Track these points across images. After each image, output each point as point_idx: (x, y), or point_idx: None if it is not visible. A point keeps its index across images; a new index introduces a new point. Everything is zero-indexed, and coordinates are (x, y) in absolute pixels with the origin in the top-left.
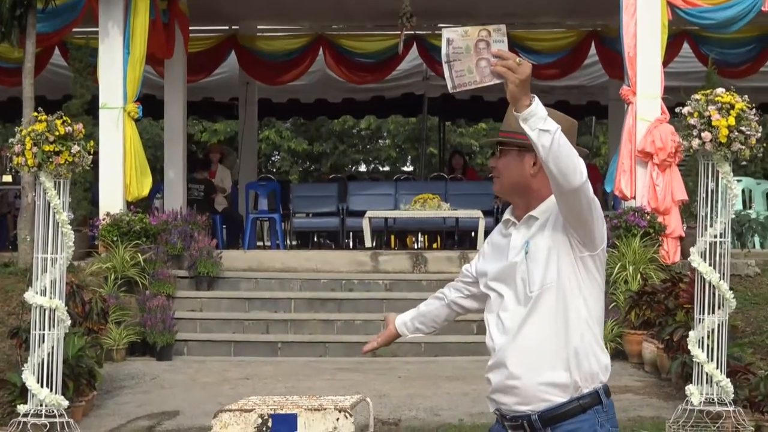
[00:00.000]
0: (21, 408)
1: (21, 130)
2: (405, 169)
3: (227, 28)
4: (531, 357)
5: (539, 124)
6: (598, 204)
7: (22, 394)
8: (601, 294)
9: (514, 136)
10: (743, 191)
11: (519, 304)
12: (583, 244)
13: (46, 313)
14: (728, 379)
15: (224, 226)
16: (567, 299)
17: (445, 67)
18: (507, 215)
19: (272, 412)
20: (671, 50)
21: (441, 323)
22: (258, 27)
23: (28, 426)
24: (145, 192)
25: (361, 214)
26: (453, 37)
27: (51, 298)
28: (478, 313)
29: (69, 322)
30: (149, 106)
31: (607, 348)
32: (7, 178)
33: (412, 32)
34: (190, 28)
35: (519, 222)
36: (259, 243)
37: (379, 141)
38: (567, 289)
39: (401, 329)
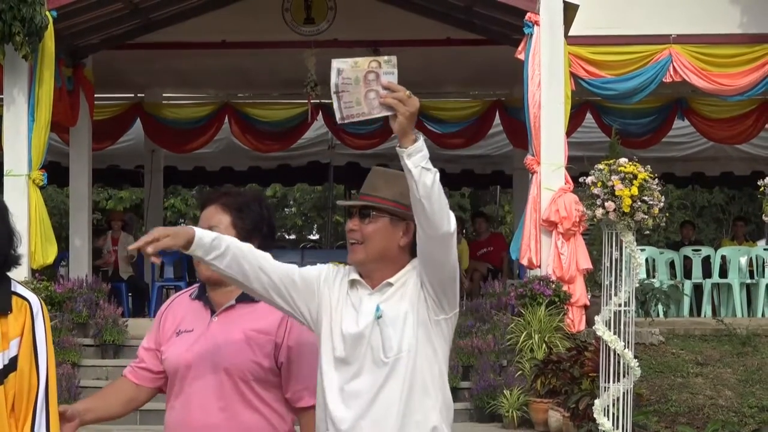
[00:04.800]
0: None
1: None
2: (311, 237)
3: (133, 95)
4: (387, 430)
5: (422, 162)
6: (458, 266)
7: None
8: (447, 360)
9: (388, 203)
10: (647, 260)
11: (371, 373)
12: (440, 306)
13: None
14: None
15: (130, 294)
16: (424, 365)
17: (334, 97)
18: (354, 276)
19: None
20: (575, 120)
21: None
22: (163, 95)
23: None
24: (50, 260)
25: None
26: (343, 67)
27: None
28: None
29: None
30: (54, 173)
31: (513, 416)
32: None
33: (318, 101)
34: (96, 95)
35: (373, 290)
36: None
37: (285, 209)
38: (425, 354)
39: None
